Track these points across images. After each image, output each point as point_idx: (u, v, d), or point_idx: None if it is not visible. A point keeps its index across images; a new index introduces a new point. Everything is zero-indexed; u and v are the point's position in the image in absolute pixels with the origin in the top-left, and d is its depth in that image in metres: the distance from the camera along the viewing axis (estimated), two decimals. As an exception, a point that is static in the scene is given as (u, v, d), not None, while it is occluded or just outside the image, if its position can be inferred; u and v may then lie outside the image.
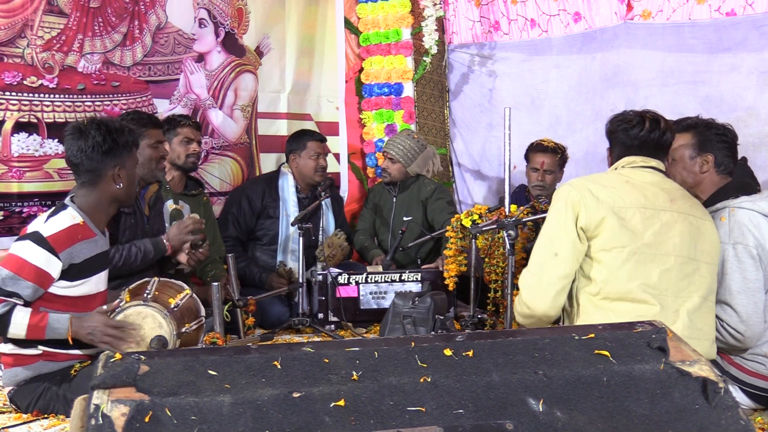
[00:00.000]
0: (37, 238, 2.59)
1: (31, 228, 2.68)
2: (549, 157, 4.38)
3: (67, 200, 2.77)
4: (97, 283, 2.78)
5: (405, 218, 4.48)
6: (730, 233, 2.69)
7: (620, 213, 2.50)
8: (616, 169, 2.68)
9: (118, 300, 2.77)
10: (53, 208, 2.78)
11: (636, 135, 2.64)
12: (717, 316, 2.66)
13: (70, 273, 2.65)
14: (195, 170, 4.09)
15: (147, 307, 2.71)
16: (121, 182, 2.78)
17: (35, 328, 2.54)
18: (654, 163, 2.65)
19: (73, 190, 2.84)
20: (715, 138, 2.83)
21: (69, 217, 2.69)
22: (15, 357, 2.70)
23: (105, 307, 2.69)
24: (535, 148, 4.43)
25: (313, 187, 4.47)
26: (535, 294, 2.59)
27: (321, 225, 4.19)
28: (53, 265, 2.59)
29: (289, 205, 4.41)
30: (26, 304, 2.56)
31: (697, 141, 2.85)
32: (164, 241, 3.26)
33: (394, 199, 4.70)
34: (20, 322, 2.52)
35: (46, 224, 2.64)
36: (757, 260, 2.67)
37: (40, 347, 2.67)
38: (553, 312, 2.59)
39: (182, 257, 3.34)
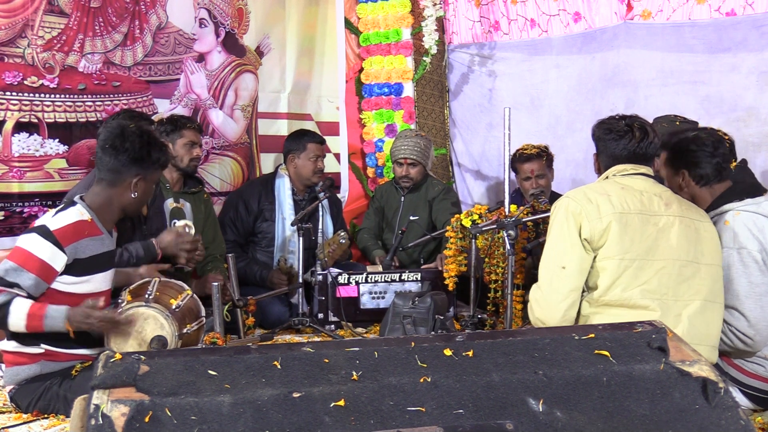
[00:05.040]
0: (44, 232, 2.61)
1: (38, 222, 2.70)
2: (536, 163, 4.33)
3: (76, 198, 2.79)
4: (101, 281, 2.79)
5: (411, 218, 4.48)
6: (734, 238, 2.68)
7: (621, 219, 2.49)
8: (607, 177, 2.68)
9: (119, 300, 2.78)
10: (62, 205, 2.80)
11: (625, 146, 2.64)
12: (725, 321, 2.64)
13: (75, 268, 2.66)
14: (195, 173, 4.10)
15: (149, 308, 2.71)
16: (137, 192, 2.81)
17: (34, 318, 2.52)
18: (643, 169, 2.65)
19: (73, 190, 2.83)
20: (682, 154, 2.82)
21: (77, 213, 2.71)
22: (17, 355, 2.70)
23: (90, 301, 2.64)
24: (520, 158, 4.35)
25: (310, 188, 4.47)
26: (546, 310, 2.58)
27: (319, 228, 4.19)
28: (58, 259, 2.60)
29: (285, 208, 4.40)
30: (29, 297, 2.56)
31: (669, 158, 2.88)
32: (155, 246, 3.23)
33: (402, 199, 4.70)
34: (20, 312, 2.51)
35: (53, 218, 2.67)
36: (761, 264, 2.66)
37: (42, 345, 2.68)
38: (567, 324, 2.57)
39: (181, 260, 3.33)
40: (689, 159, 2.81)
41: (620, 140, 2.64)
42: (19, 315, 2.52)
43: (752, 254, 2.65)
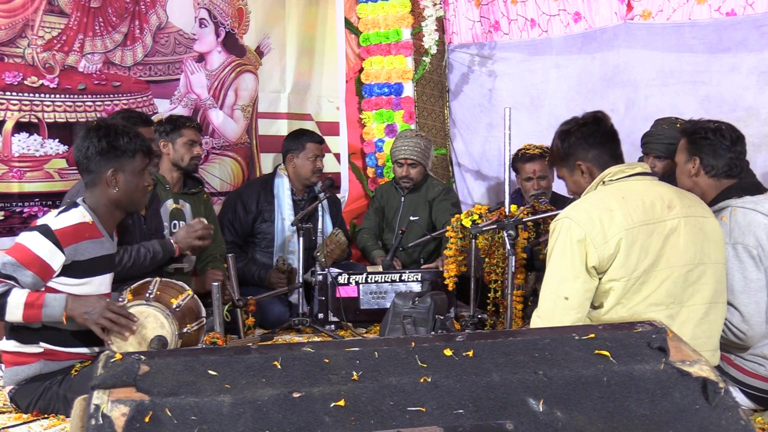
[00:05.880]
0: (45, 230, 2.61)
1: (41, 221, 2.71)
2: (539, 164, 4.30)
3: (79, 200, 2.79)
4: (100, 284, 2.78)
5: (411, 218, 4.47)
6: (730, 233, 2.68)
7: (628, 237, 2.40)
8: (603, 182, 2.56)
9: (120, 300, 2.78)
10: (65, 205, 2.80)
11: (605, 130, 2.62)
12: None
13: (75, 270, 2.66)
14: (196, 171, 4.10)
15: (149, 307, 2.71)
16: (117, 187, 2.75)
17: (32, 307, 2.50)
18: (639, 168, 2.58)
19: (74, 188, 2.83)
20: (700, 141, 2.82)
21: (79, 215, 2.71)
22: (16, 355, 2.70)
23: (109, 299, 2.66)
24: (522, 158, 4.32)
25: (309, 188, 4.47)
26: None
27: (319, 227, 4.18)
28: (56, 258, 2.60)
29: (284, 209, 4.40)
30: None
31: (686, 144, 2.86)
32: (172, 243, 3.27)
33: (402, 199, 4.70)
34: (17, 301, 2.49)
35: (56, 218, 2.68)
36: (757, 260, 2.66)
37: (42, 344, 2.68)
38: None
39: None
40: (706, 147, 2.80)
41: (598, 125, 2.62)
42: (16, 305, 2.50)
43: (748, 249, 2.65)
